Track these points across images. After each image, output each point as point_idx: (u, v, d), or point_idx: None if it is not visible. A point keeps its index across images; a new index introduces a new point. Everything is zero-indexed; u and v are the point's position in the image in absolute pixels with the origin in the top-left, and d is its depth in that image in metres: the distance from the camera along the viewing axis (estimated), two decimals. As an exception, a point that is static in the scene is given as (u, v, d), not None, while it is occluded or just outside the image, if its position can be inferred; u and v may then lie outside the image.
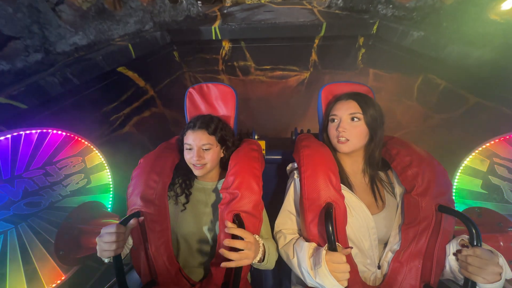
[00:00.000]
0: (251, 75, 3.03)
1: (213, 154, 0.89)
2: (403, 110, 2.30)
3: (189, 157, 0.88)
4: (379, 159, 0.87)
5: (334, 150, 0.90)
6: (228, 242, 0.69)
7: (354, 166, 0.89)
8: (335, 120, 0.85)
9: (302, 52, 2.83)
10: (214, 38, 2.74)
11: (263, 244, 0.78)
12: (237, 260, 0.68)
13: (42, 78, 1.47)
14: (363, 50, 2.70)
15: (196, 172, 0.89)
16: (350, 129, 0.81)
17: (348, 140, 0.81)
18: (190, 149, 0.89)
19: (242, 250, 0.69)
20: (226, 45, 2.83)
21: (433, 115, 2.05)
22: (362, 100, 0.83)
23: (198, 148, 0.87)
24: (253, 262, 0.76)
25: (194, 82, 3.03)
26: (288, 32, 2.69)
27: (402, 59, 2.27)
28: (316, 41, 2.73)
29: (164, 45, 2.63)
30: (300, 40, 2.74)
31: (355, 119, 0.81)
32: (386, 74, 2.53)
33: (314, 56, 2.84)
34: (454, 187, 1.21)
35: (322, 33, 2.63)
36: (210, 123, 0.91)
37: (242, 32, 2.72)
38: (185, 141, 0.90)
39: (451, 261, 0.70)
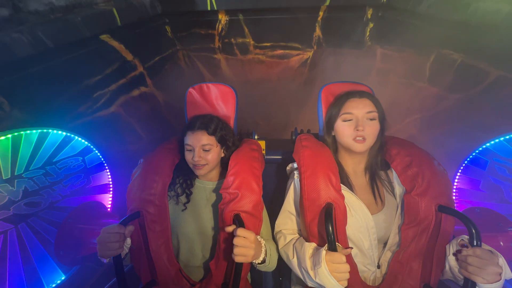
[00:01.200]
0: (250, 54, 2.70)
1: (214, 154, 0.89)
2: (414, 94, 2.08)
3: (190, 158, 0.88)
4: (382, 158, 0.88)
5: (335, 150, 0.90)
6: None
7: (356, 166, 0.88)
8: (351, 119, 0.83)
9: (305, 26, 2.53)
10: (209, 8, 2.45)
11: (264, 244, 0.78)
12: (236, 254, 0.68)
13: (6, 35, 1.22)
14: (371, 25, 2.41)
15: (197, 172, 0.89)
16: (366, 128, 0.80)
17: (365, 139, 0.80)
18: (190, 150, 0.89)
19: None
20: (223, 18, 2.54)
21: (447, 96, 1.86)
22: (374, 98, 0.84)
23: (199, 149, 0.87)
24: (256, 263, 0.76)
25: (188, 61, 2.74)
26: (290, 1, 2.40)
27: (414, 30, 2.02)
28: (321, 13, 2.44)
29: (154, 16, 2.35)
30: (303, 11, 2.44)
31: (372, 118, 0.81)
32: (395, 53, 2.28)
33: (318, 32, 2.53)
34: (454, 187, 1.21)
35: (327, 2, 2.36)
36: (209, 123, 0.91)
37: (240, 0, 2.43)
38: (185, 142, 0.90)
39: (450, 261, 0.70)
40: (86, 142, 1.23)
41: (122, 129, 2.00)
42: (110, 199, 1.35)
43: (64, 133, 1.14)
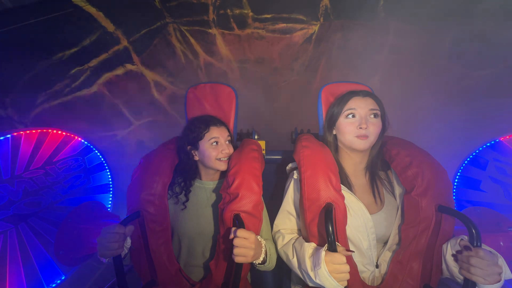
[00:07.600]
0: (249, 27, 2.41)
1: (232, 149, 0.95)
2: (429, 73, 1.91)
3: (217, 152, 0.90)
4: (382, 158, 0.88)
5: (335, 149, 0.90)
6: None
7: (356, 166, 0.88)
8: (355, 116, 0.83)
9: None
10: (201, -29, 2.07)
11: (265, 245, 0.78)
12: (236, 255, 0.68)
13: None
14: (387, -12, 2.13)
15: (223, 166, 0.91)
16: (369, 126, 0.81)
17: (368, 136, 0.80)
18: (216, 142, 0.91)
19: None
20: (217, -18, 2.15)
21: (470, 73, 1.69)
22: (376, 98, 0.85)
23: (225, 141, 0.93)
24: (256, 264, 0.76)
25: (179, 37, 2.42)
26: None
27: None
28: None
29: (138, -19, 1.96)
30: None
31: (375, 115, 0.82)
32: (411, 26, 2.03)
33: (325, 0, 2.27)
34: (454, 187, 1.22)
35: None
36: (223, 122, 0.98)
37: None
38: (209, 137, 0.91)
39: (448, 261, 0.70)
40: (86, 142, 1.23)
41: (108, 112, 1.83)
42: (110, 199, 1.35)
43: (64, 133, 1.14)
